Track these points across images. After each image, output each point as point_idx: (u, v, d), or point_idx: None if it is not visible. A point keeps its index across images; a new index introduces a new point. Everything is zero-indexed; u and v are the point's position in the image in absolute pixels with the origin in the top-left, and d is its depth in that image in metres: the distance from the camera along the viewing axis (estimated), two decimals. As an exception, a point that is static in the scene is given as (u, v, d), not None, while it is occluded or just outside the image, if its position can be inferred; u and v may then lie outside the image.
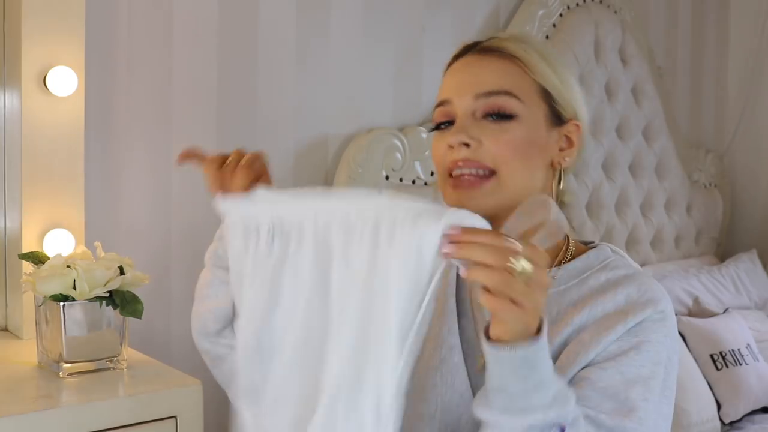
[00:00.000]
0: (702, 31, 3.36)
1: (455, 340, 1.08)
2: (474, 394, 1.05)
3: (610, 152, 2.82)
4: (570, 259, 1.08)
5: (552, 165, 1.07)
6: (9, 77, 1.63)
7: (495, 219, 1.04)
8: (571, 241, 1.11)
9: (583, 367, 0.98)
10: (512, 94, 1.03)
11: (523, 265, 0.77)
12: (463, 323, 1.10)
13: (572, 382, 0.97)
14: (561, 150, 1.07)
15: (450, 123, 1.05)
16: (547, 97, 1.05)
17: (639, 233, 2.94)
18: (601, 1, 2.78)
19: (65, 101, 1.60)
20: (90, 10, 1.67)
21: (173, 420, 1.31)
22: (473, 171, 1.02)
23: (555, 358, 1.00)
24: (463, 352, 1.07)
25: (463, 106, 1.04)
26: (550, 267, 1.07)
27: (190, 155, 1.11)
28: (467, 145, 1.01)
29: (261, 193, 1.00)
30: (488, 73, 1.04)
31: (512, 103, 1.02)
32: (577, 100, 1.08)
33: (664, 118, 3.03)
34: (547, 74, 1.05)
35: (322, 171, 2.15)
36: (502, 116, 1.02)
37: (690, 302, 2.72)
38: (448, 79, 1.09)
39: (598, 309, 1.01)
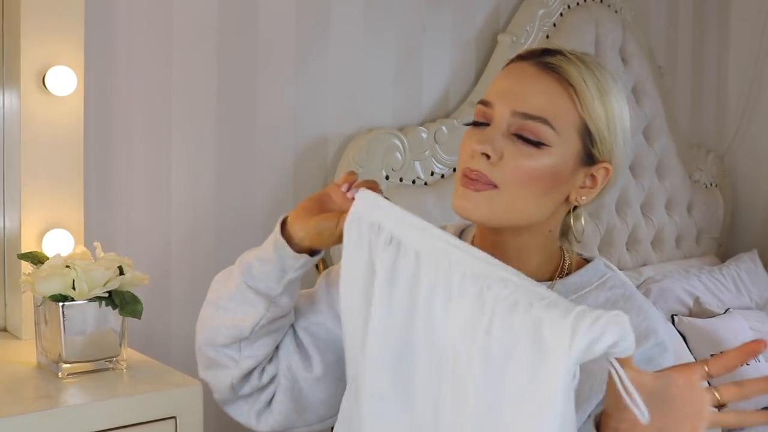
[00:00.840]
0: (703, 31, 3.36)
1: None
2: None
3: (611, 152, 2.81)
4: (567, 274, 1.09)
5: (568, 199, 1.06)
6: (8, 77, 1.63)
7: (494, 231, 1.06)
8: (566, 254, 1.11)
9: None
10: (550, 124, 1.01)
11: None
12: None
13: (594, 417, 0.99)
14: (582, 187, 1.06)
15: (485, 124, 1.04)
16: (586, 135, 1.03)
17: (639, 233, 2.93)
18: (601, 1, 2.77)
19: (64, 101, 1.59)
20: (89, 10, 1.67)
21: (173, 420, 1.31)
22: (481, 180, 1.02)
23: None
24: None
25: (500, 115, 1.02)
26: (547, 280, 1.08)
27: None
28: (487, 156, 1.01)
29: (386, 203, 0.97)
30: (536, 93, 1.02)
31: (547, 132, 1.00)
32: (617, 144, 1.05)
33: (665, 118, 3.03)
34: (596, 114, 1.02)
35: (322, 171, 2.15)
36: (532, 142, 1.01)
37: (691, 302, 2.72)
38: (500, 79, 1.07)
39: None
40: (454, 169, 2.31)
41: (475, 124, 1.05)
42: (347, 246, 0.97)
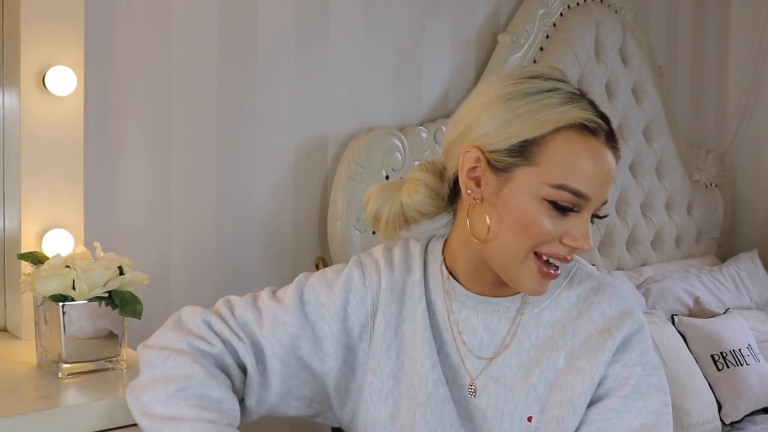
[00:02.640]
0: (703, 31, 3.36)
1: (438, 372, 1.10)
2: (461, 420, 1.09)
3: (611, 152, 2.81)
4: None
5: None
6: (8, 77, 1.63)
7: (485, 279, 1.11)
8: None
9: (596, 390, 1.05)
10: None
11: None
12: (445, 351, 1.11)
13: (592, 409, 1.05)
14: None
15: (573, 210, 1.03)
16: None
17: (639, 233, 2.93)
18: (601, 1, 2.77)
19: (64, 101, 1.59)
20: (89, 10, 1.67)
21: (173, 420, 1.31)
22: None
23: (549, 382, 1.05)
24: (446, 381, 1.10)
25: (594, 206, 1.04)
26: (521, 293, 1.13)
27: None
28: None
29: None
30: (611, 182, 1.06)
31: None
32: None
33: (665, 118, 3.03)
34: None
35: (322, 171, 2.15)
36: (598, 218, 1.07)
37: (691, 302, 2.72)
38: (588, 166, 1.02)
39: (580, 333, 1.07)
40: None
41: (562, 207, 1.02)
42: None
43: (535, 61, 2.55)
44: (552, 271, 1.03)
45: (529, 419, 1.06)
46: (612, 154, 1.05)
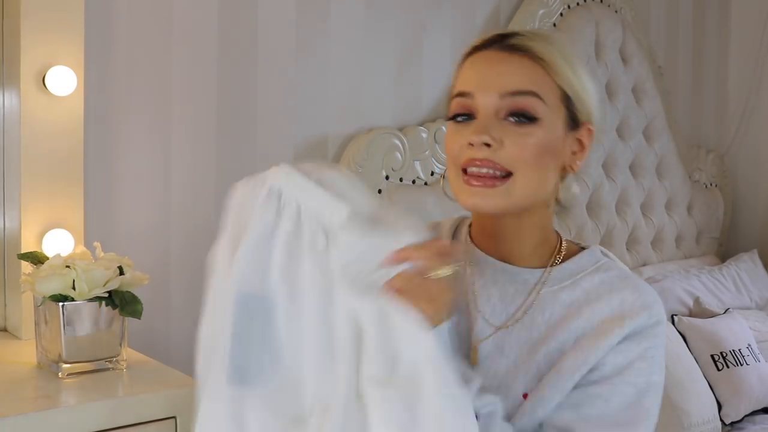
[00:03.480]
0: (703, 30, 3.36)
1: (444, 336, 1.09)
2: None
3: (611, 152, 2.82)
4: (563, 260, 1.10)
5: (563, 168, 1.08)
6: (8, 77, 1.63)
7: (501, 217, 1.07)
8: (563, 242, 1.12)
9: (588, 373, 1.01)
10: (538, 96, 1.02)
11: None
12: (455, 319, 1.10)
13: (580, 392, 1.01)
14: (573, 154, 1.08)
15: (468, 116, 1.04)
16: (566, 101, 1.04)
17: (639, 233, 2.93)
18: (601, 1, 2.77)
19: (64, 101, 1.59)
20: (89, 10, 1.67)
21: (173, 420, 1.31)
22: (490, 171, 1.01)
23: (553, 362, 1.03)
24: (457, 333, 1.09)
25: (486, 103, 1.02)
26: (543, 266, 1.10)
27: None
28: (488, 145, 1.01)
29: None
30: (514, 73, 1.03)
31: (537, 105, 1.02)
32: (593, 104, 1.08)
33: (665, 118, 3.03)
34: (569, 78, 1.04)
35: (322, 171, 2.15)
36: (526, 118, 1.01)
37: (691, 302, 2.72)
38: (469, 71, 1.07)
39: (596, 316, 1.04)
40: (454, 169, 2.31)
41: (457, 117, 1.05)
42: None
43: (535, 61, 2.56)
44: (473, 182, 1.02)
45: (525, 396, 1.03)
46: (502, 51, 1.05)
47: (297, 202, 0.93)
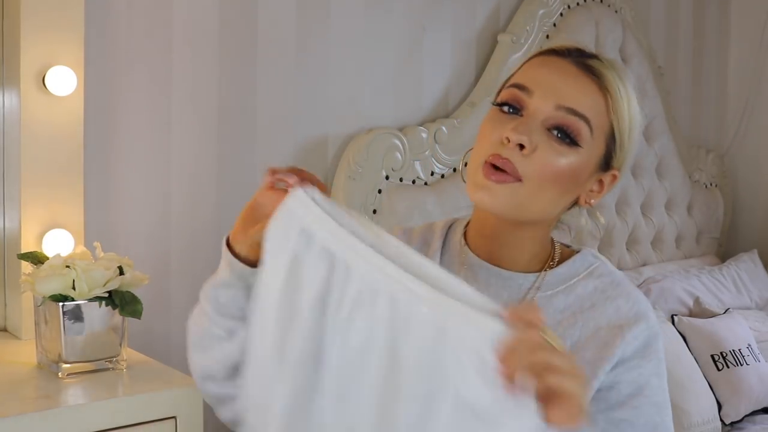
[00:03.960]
0: (703, 30, 3.36)
1: None
2: None
3: (611, 152, 2.82)
4: (557, 264, 1.10)
5: (577, 200, 1.08)
6: (8, 77, 1.63)
7: (497, 220, 1.06)
8: (557, 245, 1.13)
9: (606, 393, 1.02)
10: (590, 124, 1.01)
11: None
12: None
13: (604, 417, 1.01)
14: (591, 191, 1.08)
15: (515, 110, 1.02)
16: (611, 141, 1.04)
17: (640, 233, 2.93)
18: (601, 1, 2.77)
19: (64, 101, 1.59)
20: (89, 10, 1.67)
21: (173, 420, 1.31)
22: (506, 171, 1.00)
23: None
24: None
25: (540, 106, 1.01)
26: (537, 272, 1.09)
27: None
28: (522, 147, 0.99)
29: (326, 204, 0.88)
30: (579, 92, 1.01)
31: (585, 132, 1.00)
32: (631, 152, 1.07)
33: (665, 118, 3.03)
34: (624, 121, 1.04)
35: (322, 171, 2.15)
36: (569, 138, 1.00)
37: (691, 302, 2.72)
38: (537, 69, 1.05)
39: (590, 324, 1.04)
40: (455, 169, 2.31)
41: (506, 107, 1.03)
42: (269, 249, 0.89)
43: (535, 61, 2.56)
44: (492, 173, 0.99)
45: None
46: (576, 66, 1.03)
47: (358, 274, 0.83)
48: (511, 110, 1.02)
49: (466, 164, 1.09)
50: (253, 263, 0.98)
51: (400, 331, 0.80)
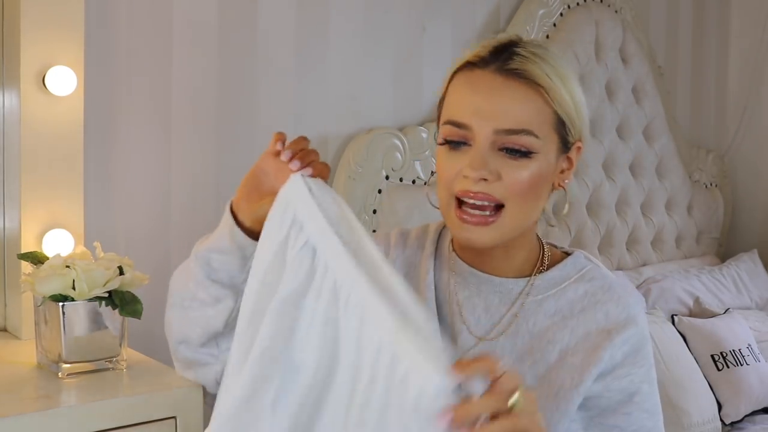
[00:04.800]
0: (703, 30, 3.36)
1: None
2: None
3: (611, 152, 2.82)
4: (547, 268, 1.10)
5: (553, 187, 1.08)
6: (8, 77, 1.63)
7: (483, 251, 1.06)
8: (546, 248, 1.12)
9: (596, 400, 1.02)
10: (533, 133, 1.00)
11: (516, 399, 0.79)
12: (444, 326, 1.11)
13: (596, 426, 1.02)
14: (562, 172, 1.07)
15: (463, 143, 1.02)
16: (560, 127, 1.04)
17: (639, 233, 2.93)
18: (601, 1, 2.77)
19: (64, 101, 1.59)
20: (89, 10, 1.67)
21: (173, 420, 1.31)
22: (485, 203, 1.01)
23: (539, 374, 1.03)
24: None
25: (481, 136, 1.01)
26: (527, 276, 1.09)
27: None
28: (485, 179, 1.00)
29: (327, 196, 0.92)
30: (512, 106, 1.01)
31: (532, 141, 1.00)
32: (584, 122, 1.07)
33: (665, 118, 3.03)
34: (566, 102, 1.03)
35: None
36: (520, 153, 1.01)
37: (691, 302, 2.72)
38: (462, 92, 1.04)
39: (581, 329, 1.04)
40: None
41: (452, 144, 1.03)
42: (263, 235, 0.93)
43: (535, 61, 2.55)
44: (466, 216, 1.00)
45: None
46: (500, 75, 1.01)
47: (332, 274, 0.86)
48: (457, 145, 1.03)
49: (428, 183, 1.10)
50: (255, 235, 0.99)
51: (364, 350, 0.82)
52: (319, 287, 0.86)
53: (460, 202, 1.02)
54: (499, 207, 1.01)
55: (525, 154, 1.01)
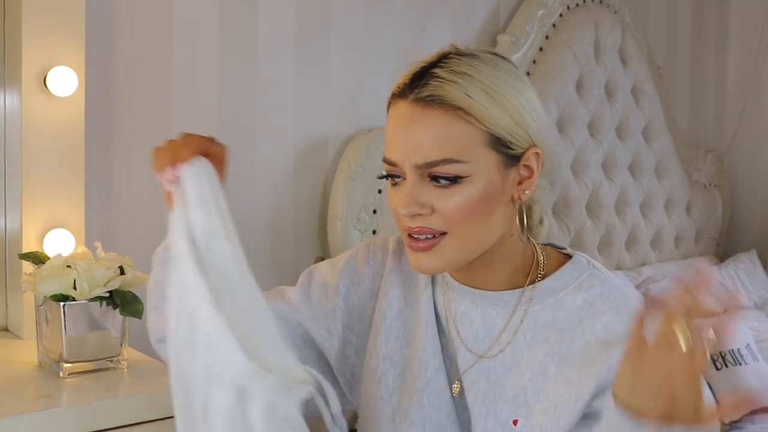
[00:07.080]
0: (702, 31, 3.37)
1: (439, 360, 1.08)
2: (457, 410, 1.07)
3: (610, 152, 2.82)
4: (545, 276, 1.06)
5: (512, 200, 1.03)
6: (9, 77, 1.63)
7: (464, 267, 1.05)
8: (541, 254, 1.08)
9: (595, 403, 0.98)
10: (454, 161, 0.97)
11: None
12: (444, 341, 1.10)
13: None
14: (519, 183, 1.03)
15: (399, 177, 1.02)
16: (495, 143, 0.98)
17: (639, 233, 2.94)
18: (600, 1, 2.78)
19: (65, 101, 1.60)
20: (90, 10, 1.67)
21: (173, 420, 1.31)
22: (429, 236, 0.99)
23: (538, 386, 1.01)
24: (446, 369, 1.08)
25: (408, 170, 1.00)
26: (522, 287, 1.06)
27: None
28: (419, 214, 0.99)
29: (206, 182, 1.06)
30: (429, 137, 0.98)
31: (456, 168, 0.97)
32: (535, 127, 1.01)
33: (664, 118, 3.03)
34: (496, 117, 0.97)
35: (322, 171, 2.15)
36: (448, 179, 0.98)
37: (690, 302, 2.72)
38: (390, 130, 1.05)
39: (578, 341, 1.00)
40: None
41: (391, 178, 1.04)
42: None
43: (534, 62, 2.56)
44: (414, 243, 1.00)
45: (515, 422, 1.01)
46: (416, 105, 1.00)
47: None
48: (394, 179, 1.03)
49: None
50: None
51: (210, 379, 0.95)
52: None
53: (409, 236, 1.02)
54: (443, 234, 0.99)
55: (453, 180, 0.97)
